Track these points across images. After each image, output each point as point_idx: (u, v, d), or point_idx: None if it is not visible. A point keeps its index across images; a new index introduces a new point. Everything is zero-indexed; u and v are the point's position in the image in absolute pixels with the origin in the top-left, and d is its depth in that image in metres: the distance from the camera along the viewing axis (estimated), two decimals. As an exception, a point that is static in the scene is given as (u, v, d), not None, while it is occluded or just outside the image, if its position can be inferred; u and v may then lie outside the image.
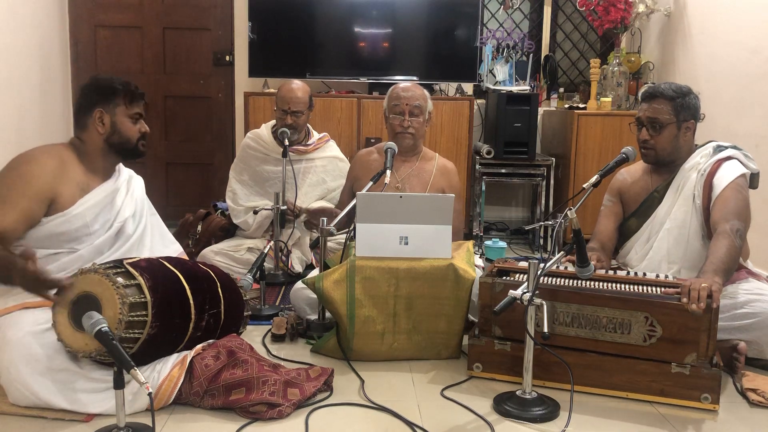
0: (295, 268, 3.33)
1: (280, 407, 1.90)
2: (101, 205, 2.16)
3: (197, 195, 4.73)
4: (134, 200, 2.30)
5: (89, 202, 2.13)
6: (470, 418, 1.96)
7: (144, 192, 2.40)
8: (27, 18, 3.95)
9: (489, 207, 4.66)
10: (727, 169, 2.34)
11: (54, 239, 2.08)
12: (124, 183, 2.29)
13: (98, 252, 2.13)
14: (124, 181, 2.30)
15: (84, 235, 2.12)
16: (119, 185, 2.26)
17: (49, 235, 2.06)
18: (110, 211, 2.20)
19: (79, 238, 2.11)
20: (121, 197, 2.25)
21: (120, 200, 2.24)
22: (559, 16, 4.88)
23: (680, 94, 2.39)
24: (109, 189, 2.21)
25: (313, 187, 3.45)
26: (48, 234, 2.06)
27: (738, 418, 2.00)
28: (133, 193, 2.31)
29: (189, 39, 4.67)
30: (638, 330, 2.05)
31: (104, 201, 2.18)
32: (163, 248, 2.38)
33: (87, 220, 2.12)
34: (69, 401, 1.87)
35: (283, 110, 3.31)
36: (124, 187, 2.28)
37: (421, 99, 2.81)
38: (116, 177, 2.27)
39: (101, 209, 2.16)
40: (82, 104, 2.21)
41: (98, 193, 2.17)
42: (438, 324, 2.32)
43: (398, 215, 2.31)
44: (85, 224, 2.11)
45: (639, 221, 2.51)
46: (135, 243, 2.25)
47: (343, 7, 4.31)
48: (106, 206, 2.18)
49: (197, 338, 2.06)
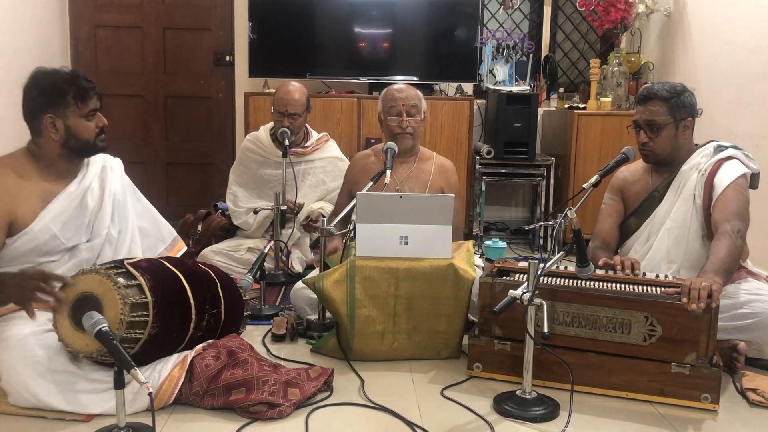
0: (295, 268, 3.33)
1: (280, 407, 1.90)
2: (68, 212, 2.06)
3: (197, 195, 4.73)
4: (112, 195, 2.18)
5: (52, 213, 2.03)
6: (470, 418, 1.96)
7: (123, 177, 2.27)
8: (27, 18, 3.96)
9: (489, 207, 4.66)
10: (728, 169, 2.34)
11: (24, 257, 2.00)
12: (95, 178, 2.16)
13: (83, 264, 2.05)
14: (94, 176, 2.16)
15: (56, 247, 2.04)
16: (87, 183, 2.13)
17: (17, 255, 1.99)
18: (82, 214, 2.10)
19: (51, 251, 2.03)
20: (94, 196, 2.14)
21: (92, 200, 2.13)
22: (559, 16, 4.88)
23: (674, 93, 2.38)
24: (74, 192, 2.10)
25: (313, 188, 3.45)
26: (15, 254, 1.99)
27: (738, 418, 2.00)
28: (110, 187, 2.18)
29: (189, 39, 4.67)
30: (638, 330, 2.05)
31: (70, 206, 2.07)
32: (156, 233, 2.33)
33: (54, 232, 2.02)
34: (69, 402, 1.86)
35: (280, 112, 3.30)
36: (96, 182, 2.16)
37: (416, 98, 2.81)
38: (83, 175, 2.14)
39: (69, 216, 2.06)
40: (29, 109, 2.06)
41: (62, 201, 2.06)
42: (438, 324, 2.32)
43: (398, 215, 2.31)
44: (53, 236, 2.02)
45: (639, 220, 2.51)
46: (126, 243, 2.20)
47: (343, 7, 4.31)
48: (74, 211, 2.08)
49: (198, 338, 2.06)
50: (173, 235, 2.46)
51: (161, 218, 2.43)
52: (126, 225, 2.23)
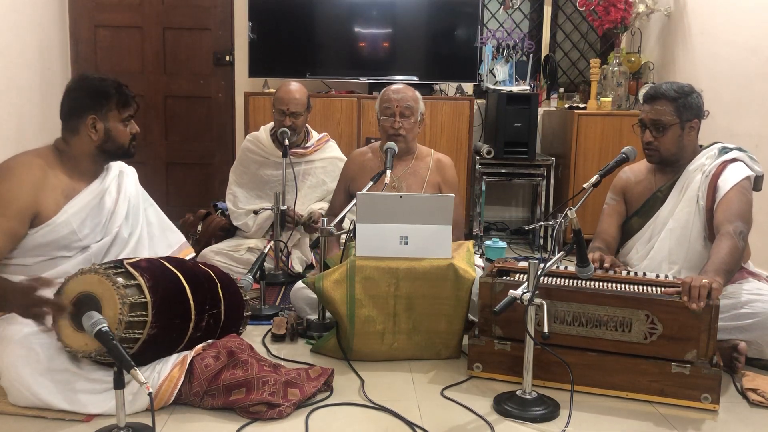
0: (295, 268, 3.33)
1: (280, 407, 1.90)
2: (87, 209, 2.11)
3: (197, 195, 4.73)
4: (127, 199, 2.23)
5: (74, 207, 2.07)
6: (470, 418, 1.96)
7: (137, 184, 2.32)
8: (27, 18, 3.96)
9: (489, 207, 4.66)
10: (732, 171, 2.33)
11: (42, 248, 2.04)
12: (113, 181, 2.22)
13: (92, 259, 2.08)
14: (112, 179, 2.22)
15: (73, 242, 2.08)
16: (106, 185, 2.18)
17: (36, 246, 2.03)
18: (99, 213, 2.14)
19: (68, 245, 2.07)
20: (111, 198, 2.19)
21: (110, 201, 2.18)
22: (559, 16, 4.88)
23: (682, 93, 2.38)
24: (96, 191, 2.15)
25: (313, 188, 3.45)
26: (35, 244, 2.03)
27: (738, 418, 2.00)
28: (125, 190, 2.24)
29: (189, 39, 4.67)
30: (639, 328, 2.05)
31: (90, 204, 2.12)
32: (164, 240, 2.35)
33: (74, 227, 2.07)
34: (69, 402, 1.87)
35: (281, 111, 3.30)
36: (114, 185, 2.21)
37: (412, 100, 2.80)
38: (103, 177, 2.20)
39: (88, 213, 2.11)
40: (73, 108, 2.11)
41: (84, 197, 2.11)
42: (438, 324, 2.32)
43: (398, 215, 2.31)
44: (72, 231, 2.06)
45: (641, 220, 2.50)
46: (133, 246, 2.22)
47: (343, 7, 4.31)
48: (93, 209, 2.12)
49: (197, 338, 2.05)
50: (181, 241, 2.46)
51: (172, 226, 2.46)
52: (135, 229, 2.26)
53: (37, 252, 2.04)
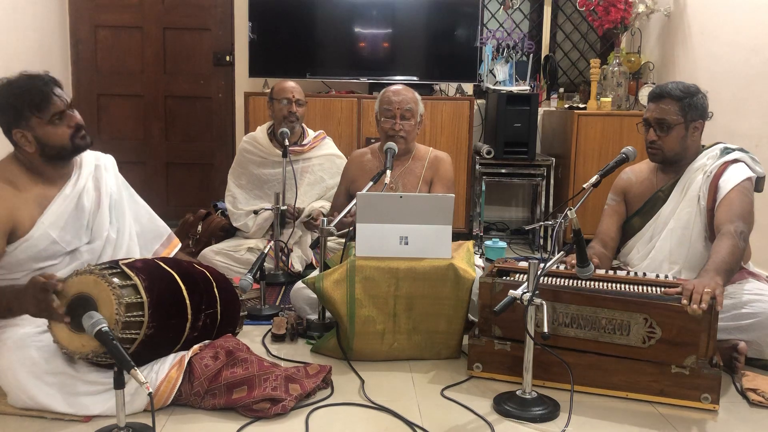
0: (295, 267, 3.33)
1: (283, 402, 1.90)
2: (65, 216, 2.04)
3: (197, 195, 4.73)
4: (108, 195, 2.16)
5: (50, 218, 2.00)
6: (470, 418, 1.96)
7: (116, 175, 2.24)
8: (27, 18, 3.96)
9: (489, 207, 4.66)
10: (734, 171, 2.33)
11: (27, 263, 1.99)
12: (89, 179, 2.13)
13: (82, 265, 2.02)
14: (87, 176, 2.13)
15: (58, 251, 2.03)
16: (81, 185, 2.10)
17: (18, 261, 1.98)
18: (79, 217, 2.08)
19: (53, 255, 2.02)
20: (90, 197, 2.11)
21: (89, 202, 2.11)
22: (559, 16, 4.88)
23: (688, 93, 2.37)
24: (70, 195, 2.07)
25: (312, 186, 3.45)
26: (17, 260, 1.98)
27: (738, 418, 2.00)
28: (105, 186, 2.16)
29: (189, 39, 4.67)
30: (637, 331, 2.04)
31: (67, 210, 2.05)
32: (154, 229, 2.34)
33: (53, 237, 2.00)
34: (67, 404, 1.86)
35: (286, 99, 3.32)
36: (91, 183, 2.13)
37: (412, 102, 2.81)
38: (76, 177, 2.11)
39: (66, 220, 2.04)
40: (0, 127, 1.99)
41: (58, 205, 2.03)
42: (438, 324, 2.32)
43: (398, 215, 2.31)
44: (53, 241, 2.00)
45: (642, 220, 2.50)
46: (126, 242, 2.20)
47: (343, 7, 4.31)
48: (71, 214, 2.06)
49: (194, 338, 2.05)
50: (168, 231, 2.46)
51: (154, 213, 2.43)
52: (123, 224, 2.23)
53: (22, 267, 1.99)
